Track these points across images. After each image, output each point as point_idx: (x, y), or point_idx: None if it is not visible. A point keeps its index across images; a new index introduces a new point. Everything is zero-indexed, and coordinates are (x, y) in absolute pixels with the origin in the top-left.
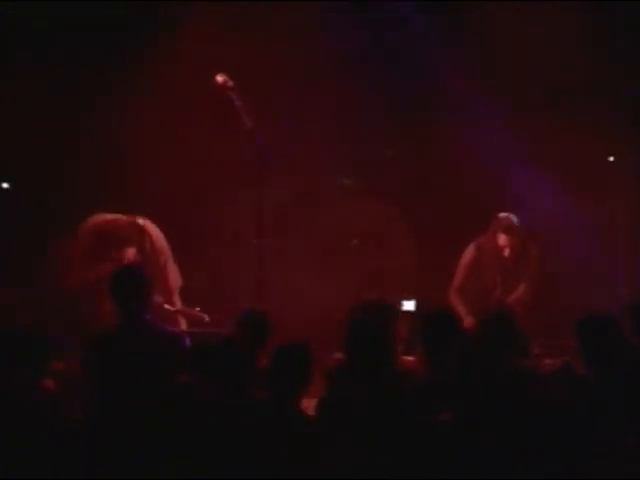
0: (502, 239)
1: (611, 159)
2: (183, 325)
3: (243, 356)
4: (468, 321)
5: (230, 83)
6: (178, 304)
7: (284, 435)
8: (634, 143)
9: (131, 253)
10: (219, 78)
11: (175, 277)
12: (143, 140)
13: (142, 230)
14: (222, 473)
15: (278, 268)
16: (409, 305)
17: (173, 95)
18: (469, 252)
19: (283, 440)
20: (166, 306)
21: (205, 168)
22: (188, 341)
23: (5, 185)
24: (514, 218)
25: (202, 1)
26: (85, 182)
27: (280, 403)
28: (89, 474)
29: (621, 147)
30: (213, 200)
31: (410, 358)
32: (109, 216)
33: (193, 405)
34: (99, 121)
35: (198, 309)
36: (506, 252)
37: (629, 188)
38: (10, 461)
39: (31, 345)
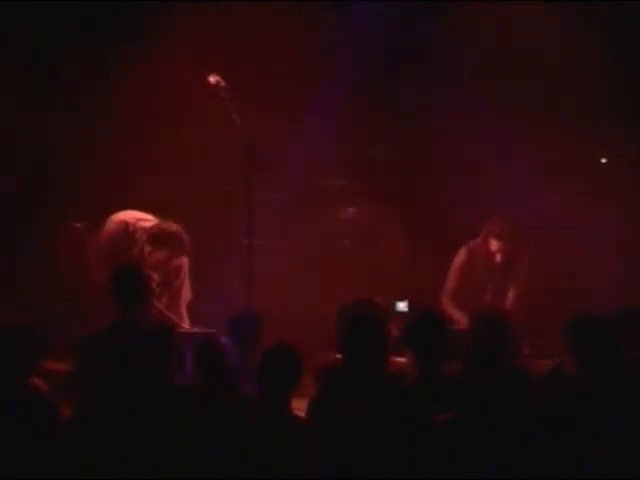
0: (494, 245)
1: (603, 161)
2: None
3: (234, 357)
4: (462, 323)
5: (223, 83)
6: (185, 318)
7: (275, 436)
8: (627, 145)
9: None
10: (212, 79)
11: (187, 291)
12: (132, 140)
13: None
14: (212, 473)
15: (269, 269)
16: (402, 306)
17: (164, 96)
18: (460, 256)
19: (274, 441)
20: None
21: (195, 168)
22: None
23: None
24: (506, 223)
25: (196, 2)
26: (71, 184)
27: (270, 404)
28: (80, 474)
29: (614, 149)
30: (203, 201)
31: (401, 359)
32: (147, 216)
33: (185, 405)
34: (87, 121)
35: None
36: (498, 257)
37: (622, 190)
38: None
39: (17, 343)
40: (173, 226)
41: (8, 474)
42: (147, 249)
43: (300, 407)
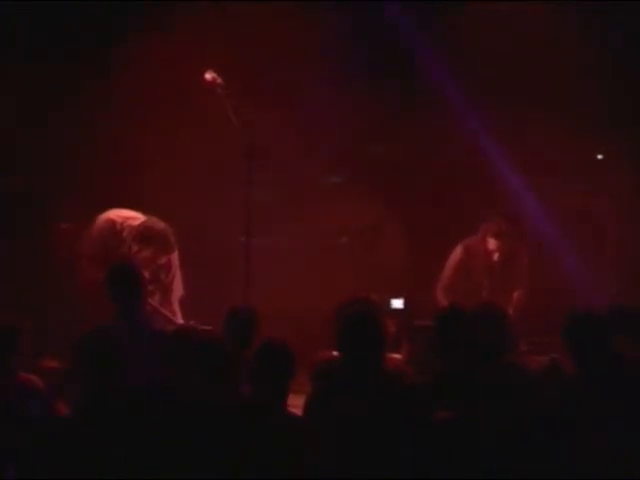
0: (492, 243)
1: (600, 157)
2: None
3: (230, 354)
4: None
5: (219, 80)
6: (178, 313)
7: (274, 435)
8: (623, 141)
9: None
10: (208, 75)
11: (179, 287)
12: (128, 139)
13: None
14: (212, 473)
15: (266, 266)
16: (398, 303)
17: (164, 95)
18: (456, 253)
19: (273, 440)
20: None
21: (192, 166)
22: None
23: None
24: (504, 222)
25: (196, 2)
26: (71, 184)
27: (267, 402)
28: (79, 473)
29: (613, 148)
30: (200, 198)
31: (397, 356)
32: (135, 214)
33: (181, 403)
34: (83, 120)
35: (192, 322)
36: (495, 256)
37: (618, 186)
38: None
39: (16, 342)
40: (159, 224)
41: (5, 473)
42: (134, 248)
43: (296, 404)
